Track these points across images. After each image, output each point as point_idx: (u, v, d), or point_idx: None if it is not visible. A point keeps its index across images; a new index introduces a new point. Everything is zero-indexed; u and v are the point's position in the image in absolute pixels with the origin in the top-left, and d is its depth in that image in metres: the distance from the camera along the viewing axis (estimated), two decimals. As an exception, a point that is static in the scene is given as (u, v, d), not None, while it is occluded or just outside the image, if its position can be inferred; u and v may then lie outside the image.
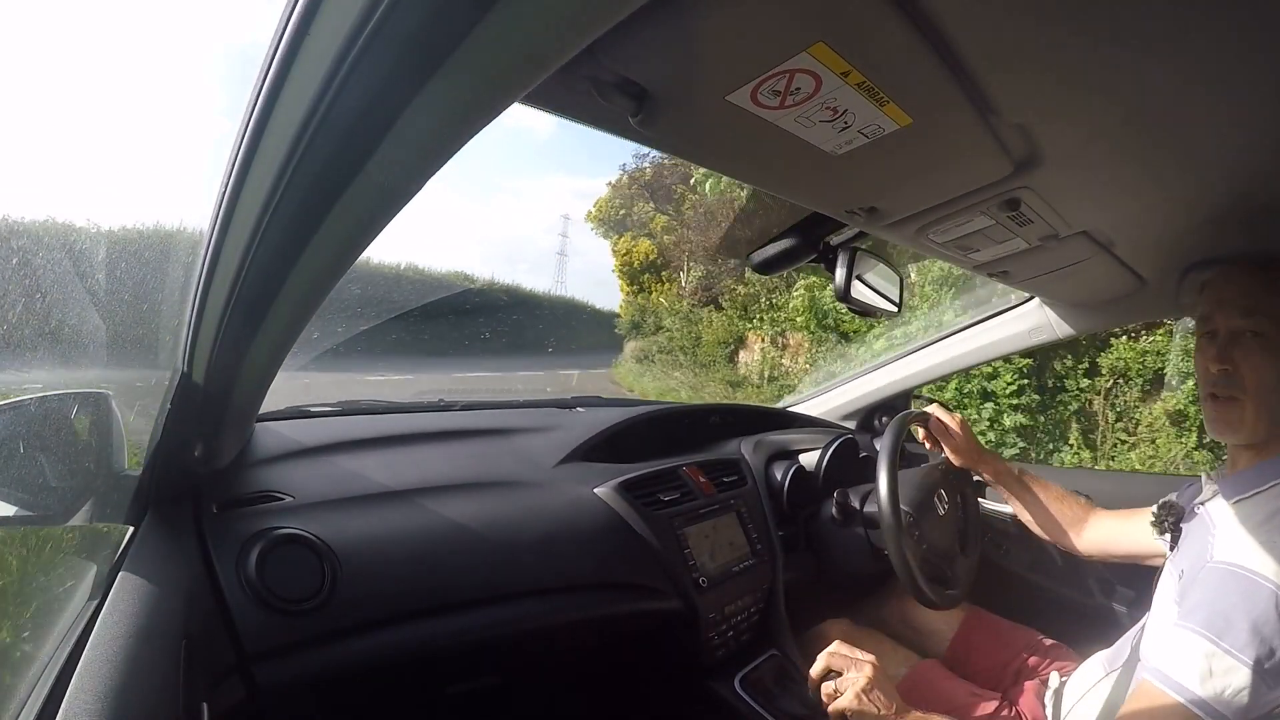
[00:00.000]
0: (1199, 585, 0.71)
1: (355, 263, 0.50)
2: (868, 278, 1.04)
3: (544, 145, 63.19)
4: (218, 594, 0.70)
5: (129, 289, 1.02)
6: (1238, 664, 0.63)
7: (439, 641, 0.82)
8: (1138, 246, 0.96)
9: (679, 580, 1.06)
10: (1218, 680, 0.64)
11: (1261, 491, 0.73)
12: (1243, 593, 0.65)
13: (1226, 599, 0.66)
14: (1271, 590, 0.64)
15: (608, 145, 42.83)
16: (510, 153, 61.81)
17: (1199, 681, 0.65)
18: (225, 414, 0.71)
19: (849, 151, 0.59)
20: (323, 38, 0.32)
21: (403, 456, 1.02)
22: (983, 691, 1.06)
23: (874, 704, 0.79)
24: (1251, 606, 0.64)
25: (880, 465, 1.05)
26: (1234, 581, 0.66)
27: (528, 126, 57.83)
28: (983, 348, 1.51)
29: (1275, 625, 0.63)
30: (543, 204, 55.71)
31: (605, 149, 46.21)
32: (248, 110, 0.39)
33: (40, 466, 0.74)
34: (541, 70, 0.34)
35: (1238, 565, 0.67)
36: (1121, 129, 0.59)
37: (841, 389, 1.79)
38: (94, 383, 0.86)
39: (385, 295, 9.97)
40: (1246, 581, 0.65)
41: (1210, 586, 0.69)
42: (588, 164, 52.22)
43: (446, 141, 0.39)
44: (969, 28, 0.45)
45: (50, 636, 0.55)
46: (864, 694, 0.79)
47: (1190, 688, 0.65)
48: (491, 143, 51.62)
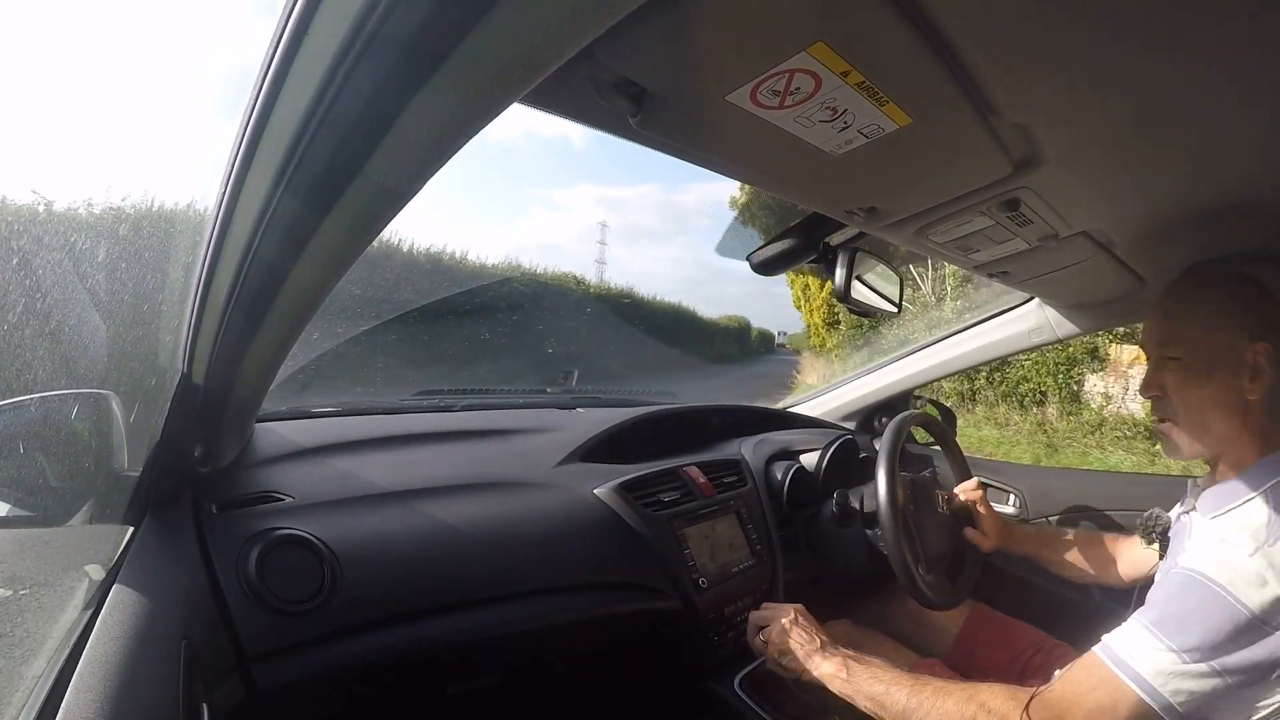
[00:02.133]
0: (1162, 585, 0.72)
1: (457, 274, 0.50)
2: (868, 278, 1.04)
3: (576, 155, 63.71)
4: (217, 595, 0.70)
5: (129, 289, 1.02)
6: (1179, 661, 0.65)
7: (439, 642, 0.82)
8: (1138, 246, 0.96)
9: (679, 581, 1.06)
10: (1161, 673, 0.65)
11: (1236, 507, 0.73)
12: (1199, 598, 0.66)
13: (1183, 603, 0.67)
14: (1229, 601, 0.64)
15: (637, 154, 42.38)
16: (543, 162, 62.43)
17: (1136, 658, 0.67)
18: (225, 414, 0.71)
19: (848, 151, 0.59)
20: (322, 38, 0.32)
21: (403, 457, 1.02)
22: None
23: (797, 639, 0.92)
24: (1205, 614, 0.65)
25: (880, 466, 1.05)
26: (1193, 587, 0.67)
27: (562, 135, 58.25)
28: (983, 348, 1.51)
29: (1225, 636, 0.63)
30: (577, 213, 56.25)
31: (635, 158, 46.42)
32: (247, 110, 0.39)
33: (40, 467, 0.74)
34: (541, 71, 0.34)
35: (1199, 572, 0.67)
36: (1121, 129, 0.59)
37: (842, 390, 1.79)
38: (94, 383, 0.86)
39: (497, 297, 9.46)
40: (1204, 588, 0.66)
41: (1171, 587, 0.70)
42: (618, 173, 52.39)
43: (446, 142, 0.39)
44: (968, 28, 0.45)
45: (50, 637, 0.55)
46: (784, 633, 0.93)
47: (1133, 665, 0.67)
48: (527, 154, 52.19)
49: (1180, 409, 0.79)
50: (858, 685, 0.84)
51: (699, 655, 1.10)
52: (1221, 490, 0.76)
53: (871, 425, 1.76)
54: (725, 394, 6.14)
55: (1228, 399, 0.75)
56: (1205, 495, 0.79)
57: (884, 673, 0.83)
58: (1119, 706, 0.67)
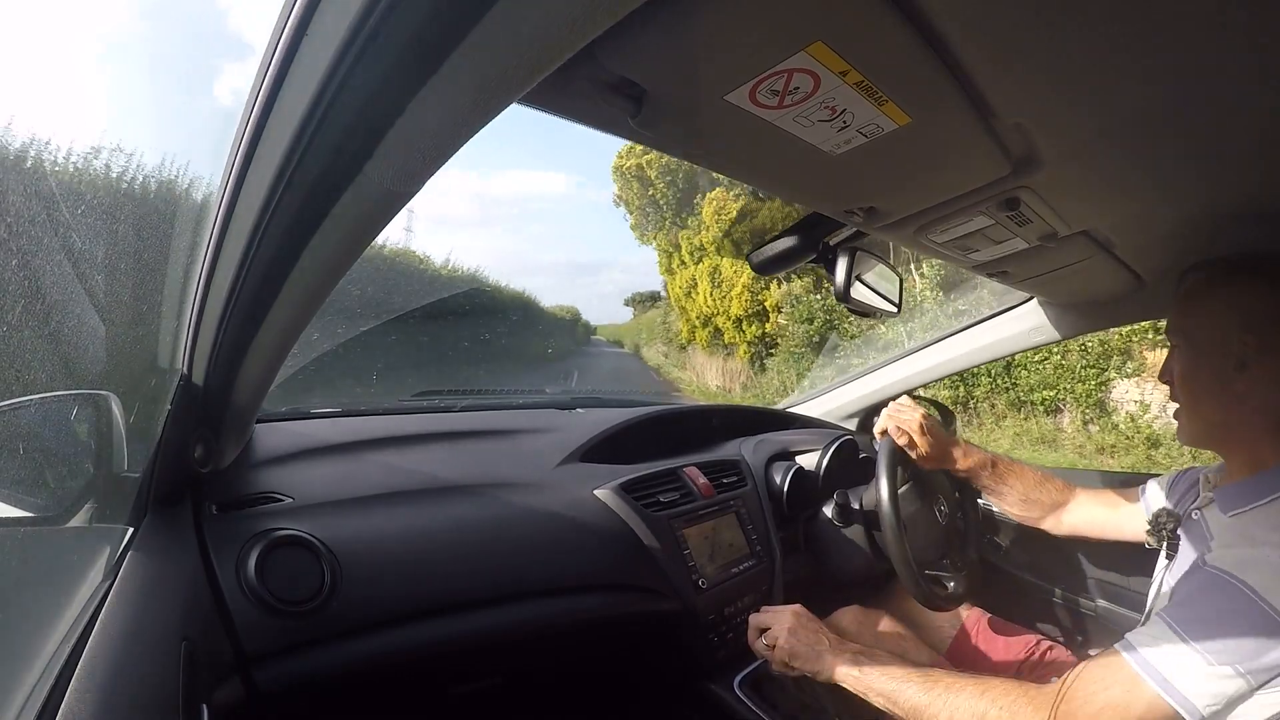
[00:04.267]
0: (1187, 582, 0.72)
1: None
2: (867, 278, 1.04)
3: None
4: (217, 595, 0.70)
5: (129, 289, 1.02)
6: (1204, 663, 0.64)
7: (439, 643, 0.82)
8: (1138, 246, 0.96)
9: (678, 581, 1.06)
10: (1183, 671, 0.64)
11: (1259, 505, 0.73)
12: (1229, 600, 0.65)
13: (1212, 604, 0.67)
14: (1259, 606, 0.63)
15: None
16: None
17: (1160, 659, 0.66)
18: (225, 415, 0.71)
19: (848, 151, 0.59)
20: (322, 37, 0.32)
21: (402, 458, 1.02)
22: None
23: (806, 641, 0.91)
24: (1235, 616, 0.64)
25: (880, 466, 1.05)
26: (1223, 589, 0.66)
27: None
28: (983, 348, 1.51)
29: (1255, 640, 0.63)
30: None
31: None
32: (247, 110, 0.39)
33: (40, 467, 0.75)
34: (541, 70, 0.34)
35: (1229, 573, 0.67)
36: (1121, 129, 0.59)
37: (842, 390, 1.79)
38: (94, 383, 0.87)
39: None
40: (1235, 591, 0.65)
41: (1199, 587, 0.69)
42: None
43: (446, 141, 0.39)
44: (967, 27, 0.45)
45: (50, 637, 0.55)
46: (792, 634, 0.92)
47: (1158, 668, 0.65)
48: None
49: (1181, 395, 0.82)
50: (870, 682, 0.84)
51: (698, 656, 1.10)
52: (1243, 487, 0.76)
53: (871, 425, 1.76)
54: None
55: (1217, 388, 0.78)
56: (1223, 491, 0.79)
57: (895, 669, 0.83)
58: (1141, 709, 0.65)
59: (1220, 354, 0.77)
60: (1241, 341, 0.75)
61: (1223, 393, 0.77)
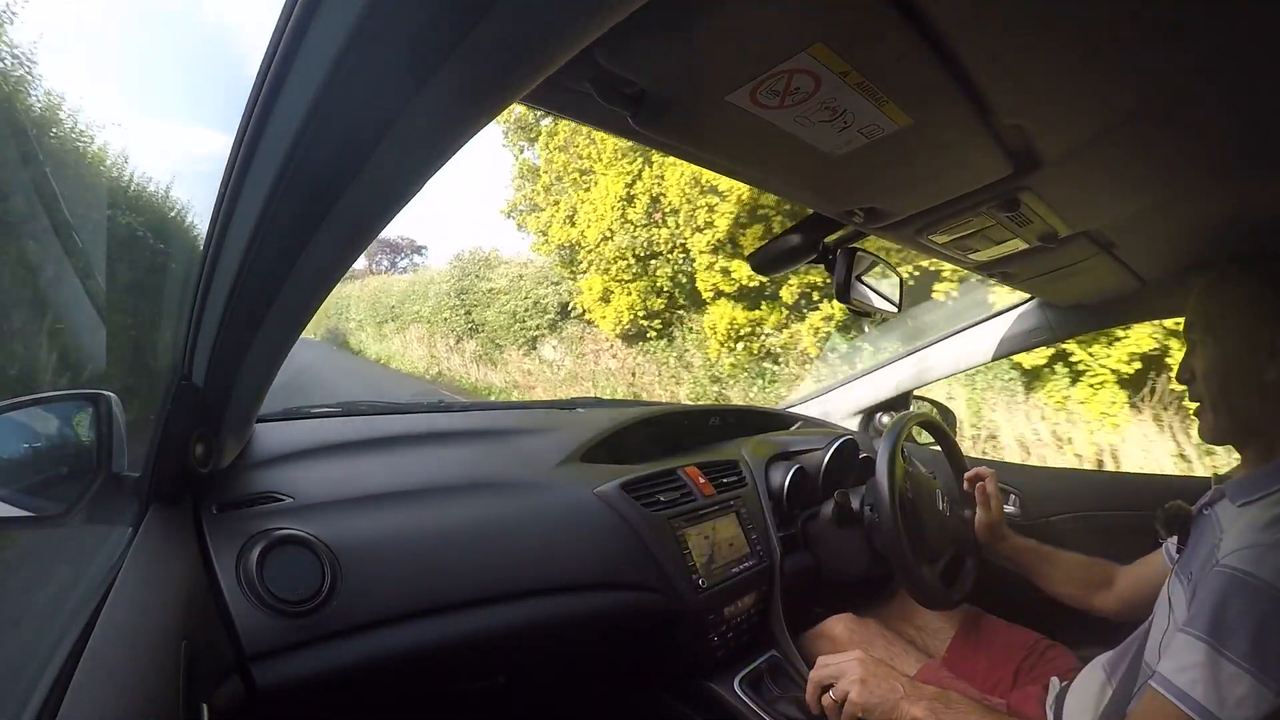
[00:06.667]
0: (1203, 588, 0.71)
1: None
2: (867, 278, 1.04)
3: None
4: (217, 595, 0.70)
5: (129, 289, 1.02)
6: (1240, 672, 0.63)
7: (439, 642, 0.82)
8: (1138, 247, 0.96)
9: (678, 581, 1.06)
10: (1221, 690, 0.64)
11: (1269, 494, 0.73)
12: (1247, 598, 0.65)
13: (1230, 604, 0.66)
14: (1275, 596, 0.63)
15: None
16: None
17: (1202, 691, 0.65)
18: (225, 414, 0.71)
19: (849, 152, 0.60)
20: (322, 38, 0.32)
21: (403, 457, 1.02)
22: (983, 696, 1.05)
23: (879, 692, 0.80)
24: (1255, 613, 0.64)
25: (880, 466, 1.05)
26: (1238, 586, 0.66)
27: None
28: (983, 348, 1.51)
29: (1276, 633, 0.63)
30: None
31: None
32: (247, 110, 0.39)
33: (40, 467, 0.74)
34: (541, 70, 0.34)
35: (1241, 569, 0.66)
36: (1121, 130, 0.59)
37: (842, 390, 1.79)
38: (94, 383, 0.86)
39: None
40: (1250, 587, 0.65)
41: (1215, 590, 0.69)
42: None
43: (446, 142, 0.39)
44: (967, 29, 0.45)
45: (50, 637, 0.55)
46: (864, 685, 0.81)
47: (1194, 696, 0.65)
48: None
49: (1205, 392, 0.80)
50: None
51: (699, 656, 1.10)
52: (1255, 478, 0.76)
53: (871, 425, 1.76)
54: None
55: (1248, 377, 0.77)
56: (1235, 483, 0.79)
57: (972, 714, 0.79)
58: None
59: (1249, 343, 0.76)
60: (1271, 329, 0.75)
61: (1254, 384, 0.76)
